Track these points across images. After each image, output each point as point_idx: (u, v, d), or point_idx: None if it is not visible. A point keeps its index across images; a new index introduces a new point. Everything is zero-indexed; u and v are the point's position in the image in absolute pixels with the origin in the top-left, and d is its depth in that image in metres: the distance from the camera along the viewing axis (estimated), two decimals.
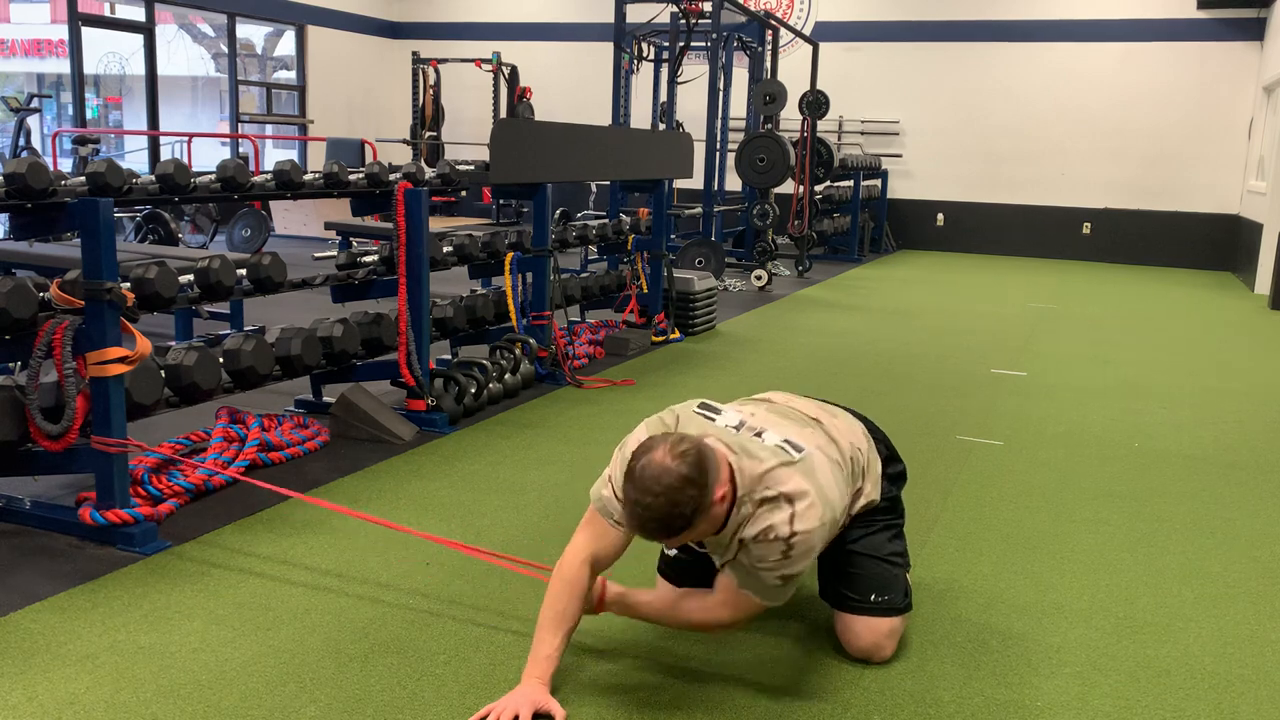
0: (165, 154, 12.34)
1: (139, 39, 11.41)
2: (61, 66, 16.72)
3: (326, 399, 4.36)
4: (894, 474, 2.54)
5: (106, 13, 12.86)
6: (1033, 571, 2.99)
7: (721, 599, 2.24)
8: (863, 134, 13.33)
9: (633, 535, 2.26)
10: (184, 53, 17.89)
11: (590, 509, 2.28)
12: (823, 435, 2.33)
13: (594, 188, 13.25)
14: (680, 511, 1.99)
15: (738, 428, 2.21)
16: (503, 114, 13.38)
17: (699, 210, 9.97)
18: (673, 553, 2.60)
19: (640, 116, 11.55)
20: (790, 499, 2.08)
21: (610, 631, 2.50)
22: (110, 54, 16.59)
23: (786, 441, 2.18)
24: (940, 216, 13.38)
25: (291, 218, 11.40)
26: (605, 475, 2.27)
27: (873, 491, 2.44)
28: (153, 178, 3.78)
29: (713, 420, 2.24)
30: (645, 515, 2.00)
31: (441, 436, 4.12)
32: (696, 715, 2.16)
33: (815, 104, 10.24)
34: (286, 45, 14.82)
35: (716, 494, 2.03)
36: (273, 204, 10.87)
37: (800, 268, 10.30)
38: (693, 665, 2.37)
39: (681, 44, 9.27)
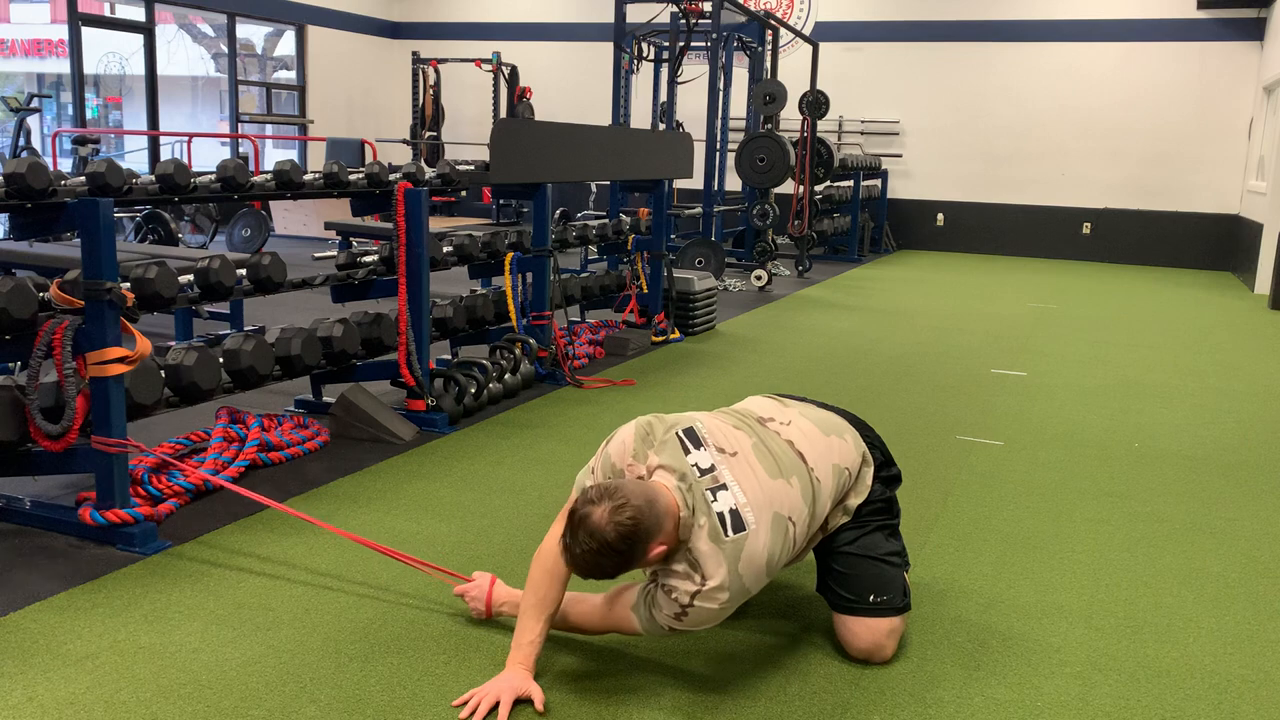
0: (165, 154, 12.34)
1: (139, 39, 11.41)
2: (61, 66, 16.73)
3: (326, 399, 4.36)
4: (887, 477, 2.54)
5: (106, 13, 12.86)
6: (1033, 571, 2.99)
7: (608, 613, 2.29)
8: (863, 134, 13.33)
9: None
10: (184, 53, 17.89)
11: (572, 495, 2.30)
12: (795, 490, 2.27)
13: (594, 188, 13.25)
14: (603, 570, 2.09)
15: (704, 472, 2.20)
16: (503, 114, 13.38)
17: (699, 210, 9.97)
18: None
19: (640, 116, 11.55)
20: (705, 577, 2.13)
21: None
22: (110, 54, 16.60)
23: (733, 513, 2.16)
24: (940, 216, 13.38)
25: (291, 218, 11.40)
26: (590, 466, 2.35)
27: (855, 500, 2.46)
28: (153, 178, 3.78)
29: (687, 454, 2.23)
30: (572, 561, 2.10)
31: (441, 436, 4.12)
32: (696, 714, 2.16)
33: (815, 104, 10.24)
34: (286, 45, 14.83)
35: (652, 552, 2.10)
36: (273, 204, 10.88)
37: (800, 268, 10.30)
38: (692, 665, 2.37)
39: (681, 44, 9.27)
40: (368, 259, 4.33)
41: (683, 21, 9.08)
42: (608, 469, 2.29)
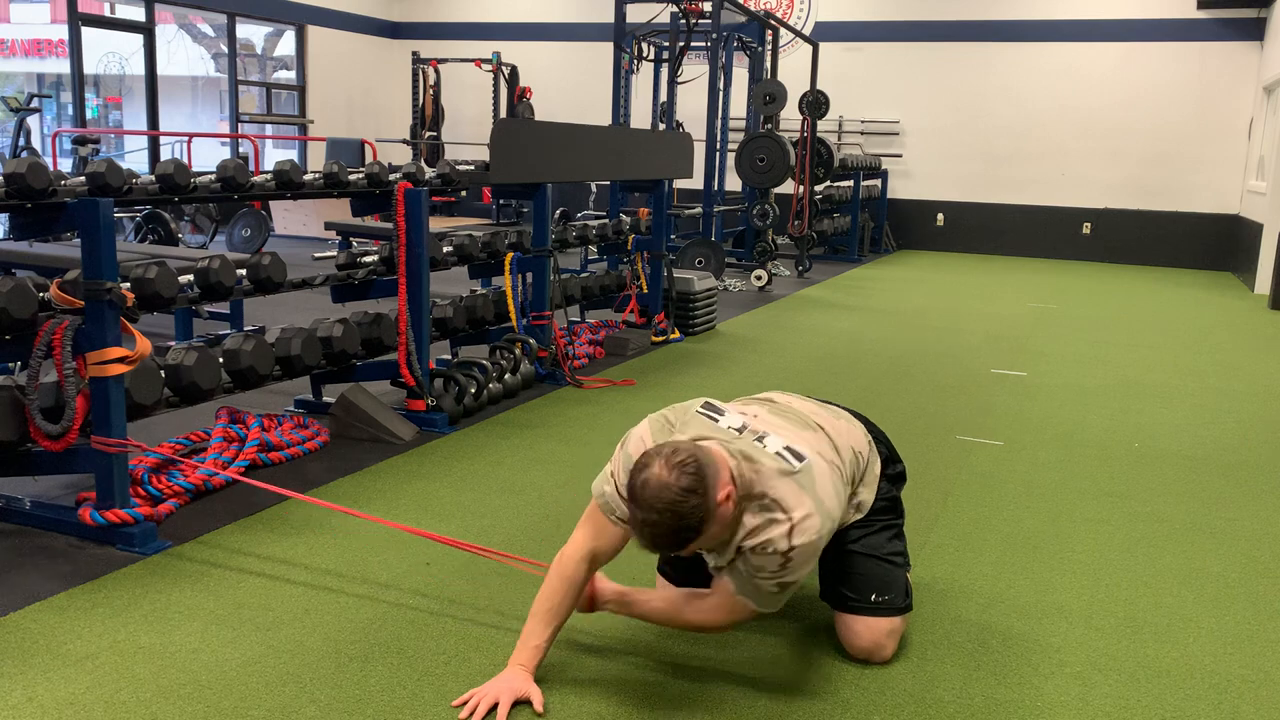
0: (165, 154, 12.34)
1: (139, 39, 11.41)
2: (61, 66, 16.73)
3: (326, 399, 4.36)
4: (893, 474, 2.54)
5: (106, 13, 12.87)
6: (1033, 571, 2.99)
7: (718, 603, 2.25)
8: (863, 134, 13.33)
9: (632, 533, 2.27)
10: (184, 53, 17.90)
11: (591, 504, 2.28)
12: (825, 440, 2.32)
13: (594, 188, 13.25)
14: (687, 524, 1.99)
15: (740, 430, 2.20)
16: (503, 114, 13.38)
17: (699, 210, 9.97)
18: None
19: (640, 116, 11.55)
20: (788, 512, 2.09)
21: (610, 630, 2.50)
22: (110, 54, 16.60)
23: (787, 449, 2.17)
24: (940, 216, 13.38)
25: (291, 218, 11.40)
26: (607, 471, 2.28)
27: (867, 495, 2.45)
28: (153, 178, 3.78)
29: (715, 421, 2.23)
30: (654, 533, 2.00)
31: (441, 436, 4.12)
32: (696, 715, 2.16)
33: (815, 104, 10.24)
34: (286, 45, 14.83)
35: (720, 495, 2.02)
36: (273, 204, 10.88)
37: (800, 268, 10.30)
38: (693, 665, 2.37)
39: (681, 44, 9.27)
40: (368, 259, 4.33)
41: (683, 21, 9.08)
42: (630, 468, 2.23)
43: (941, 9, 12.88)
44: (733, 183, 11.39)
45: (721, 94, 9.68)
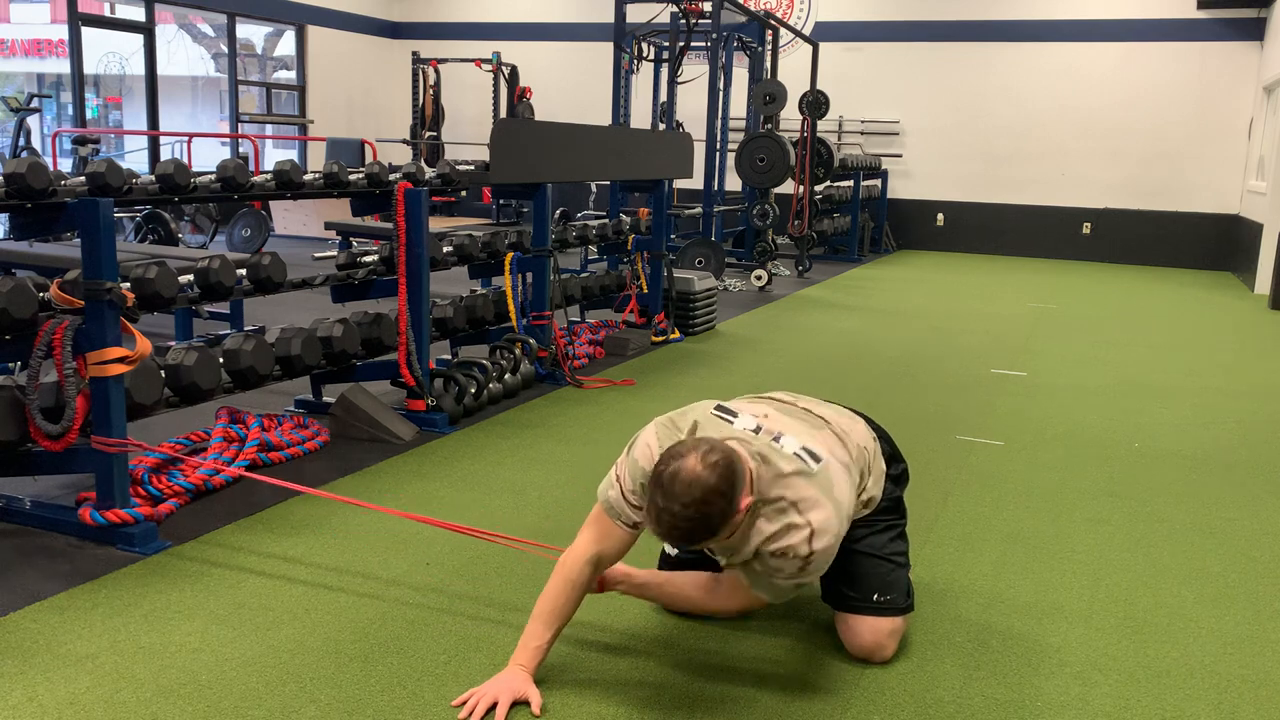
0: (165, 154, 12.34)
1: (139, 39, 11.41)
2: (61, 66, 16.73)
3: (326, 399, 4.36)
4: (896, 474, 2.54)
5: (106, 13, 12.87)
6: (1033, 571, 2.99)
7: (731, 591, 2.30)
8: (863, 134, 13.33)
9: (637, 537, 2.27)
10: (184, 53, 17.90)
11: (597, 508, 2.28)
12: (833, 437, 2.33)
13: (594, 188, 13.26)
14: (708, 524, 1.99)
15: (755, 431, 2.21)
16: (503, 114, 13.38)
17: (699, 210, 9.97)
18: (674, 552, 2.61)
19: (640, 116, 11.55)
20: (806, 515, 2.11)
21: (612, 630, 2.50)
22: (110, 54, 16.60)
23: (805, 449, 2.18)
24: (940, 216, 13.38)
25: (291, 218, 11.40)
26: (612, 476, 2.27)
27: (875, 489, 2.44)
28: (153, 178, 3.78)
29: (730, 423, 2.23)
30: (671, 524, 1.99)
31: (441, 436, 4.12)
32: (697, 714, 2.16)
33: (815, 104, 10.24)
34: (286, 45, 14.83)
35: (742, 501, 2.04)
36: (273, 204, 10.88)
37: (800, 268, 10.30)
38: (693, 665, 2.37)
39: (681, 44, 9.27)
40: (368, 259, 4.33)
41: (683, 21, 9.08)
42: (637, 475, 2.21)
43: (941, 9, 12.88)
44: (733, 183, 11.39)
45: (721, 94, 9.68)
